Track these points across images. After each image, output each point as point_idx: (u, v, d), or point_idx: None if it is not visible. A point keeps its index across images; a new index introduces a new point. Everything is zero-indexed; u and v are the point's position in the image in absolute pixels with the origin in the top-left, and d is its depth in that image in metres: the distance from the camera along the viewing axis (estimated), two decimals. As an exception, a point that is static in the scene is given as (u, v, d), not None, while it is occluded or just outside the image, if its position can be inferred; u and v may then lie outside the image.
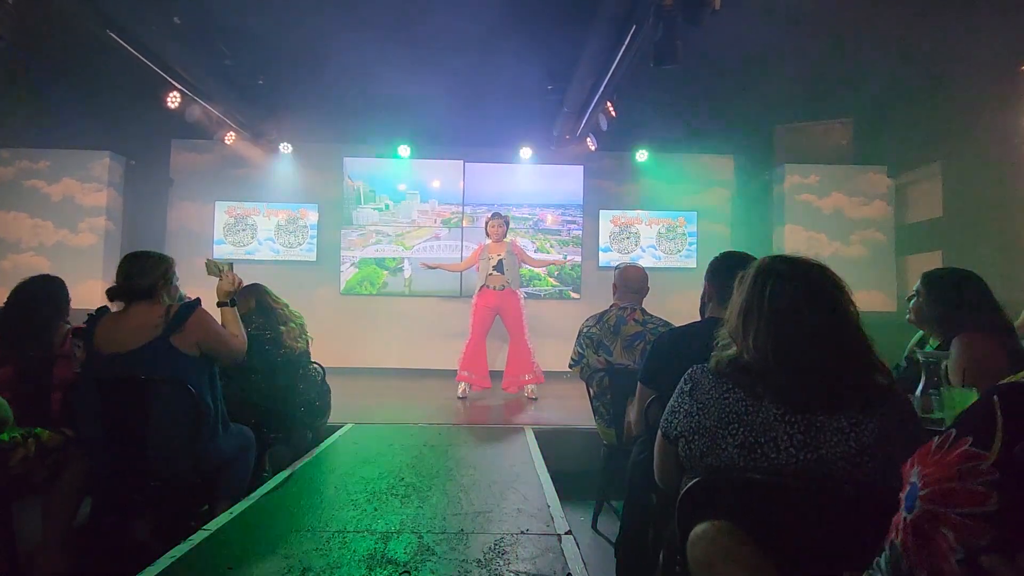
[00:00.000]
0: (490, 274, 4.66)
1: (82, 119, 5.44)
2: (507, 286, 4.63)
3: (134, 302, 2.10)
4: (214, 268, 2.40)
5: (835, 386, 1.14)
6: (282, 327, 2.87)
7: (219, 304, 2.32)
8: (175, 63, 4.56)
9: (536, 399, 4.63)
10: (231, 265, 2.42)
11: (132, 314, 2.08)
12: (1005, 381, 0.60)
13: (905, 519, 0.60)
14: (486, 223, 4.83)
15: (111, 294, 2.13)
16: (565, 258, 6.14)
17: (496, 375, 4.89)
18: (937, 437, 0.61)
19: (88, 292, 5.31)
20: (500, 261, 4.64)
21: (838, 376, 1.15)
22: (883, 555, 0.65)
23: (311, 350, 3.06)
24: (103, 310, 2.16)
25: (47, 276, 2.52)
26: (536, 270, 6.16)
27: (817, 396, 1.14)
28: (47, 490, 2.07)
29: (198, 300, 2.18)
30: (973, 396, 1.47)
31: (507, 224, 4.81)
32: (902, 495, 0.62)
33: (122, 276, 2.12)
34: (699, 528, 1.10)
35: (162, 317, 2.05)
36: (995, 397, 0.57)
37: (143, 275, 2.11)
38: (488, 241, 4.79)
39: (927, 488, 0.58)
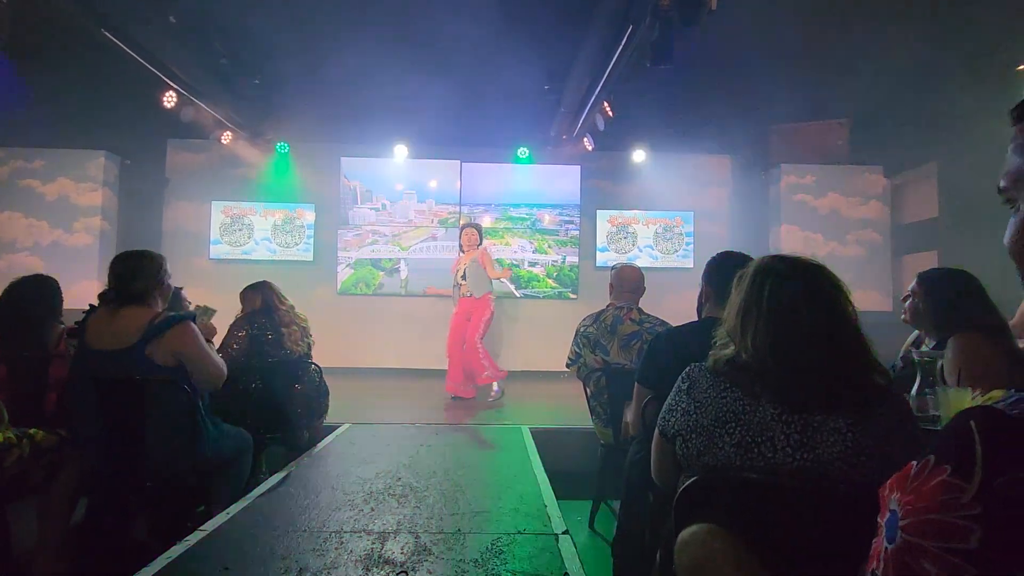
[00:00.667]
0: (457, 284, 4.82)
1: (77, 118, 5.41)
2: (472, 294, 4.71)
3: (126, 305, 2.08)
4: (199, 310, 2.56)
5: (833, 386, 1.14)
6: (284, 329, 2.86)
7: None
8: (171, 62, 4.55)
9: (500, 397, 4.62)
10: (208, 313, 2.57)
11: (123, 315, 2.06)
12: (979, 404, 0.58)
13: (886, 549, 0.59)
14: (459, 232, 4.94)
15: (103, 299, 2.10)
16: (561, 262, 6.14)
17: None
18: (915, 463, 0.60)
19: (83, 292, 5.27)
20: (465, 270, 4.77)
21: (836, 376, 1.14)
22: None
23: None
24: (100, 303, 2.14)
25: (40, 276, 2.50)
26: (534, 271, 6.21)
27: (815, 396, 1.14)
28: (43, 491, 2.06)
29: (190, 315, 2.16)
30: (968, 396, 1.47)
31: (478, 232, 4.91)
32: (881, 521, 0.61)
33: (114, 278, 2.09)
34: (687, 532, 1.09)
35: (145, 323, 2.03)
36: (972, 423, 0.56)
37: (135, 278, 2.09)
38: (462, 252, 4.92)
39: (907, 518, 0.56)
